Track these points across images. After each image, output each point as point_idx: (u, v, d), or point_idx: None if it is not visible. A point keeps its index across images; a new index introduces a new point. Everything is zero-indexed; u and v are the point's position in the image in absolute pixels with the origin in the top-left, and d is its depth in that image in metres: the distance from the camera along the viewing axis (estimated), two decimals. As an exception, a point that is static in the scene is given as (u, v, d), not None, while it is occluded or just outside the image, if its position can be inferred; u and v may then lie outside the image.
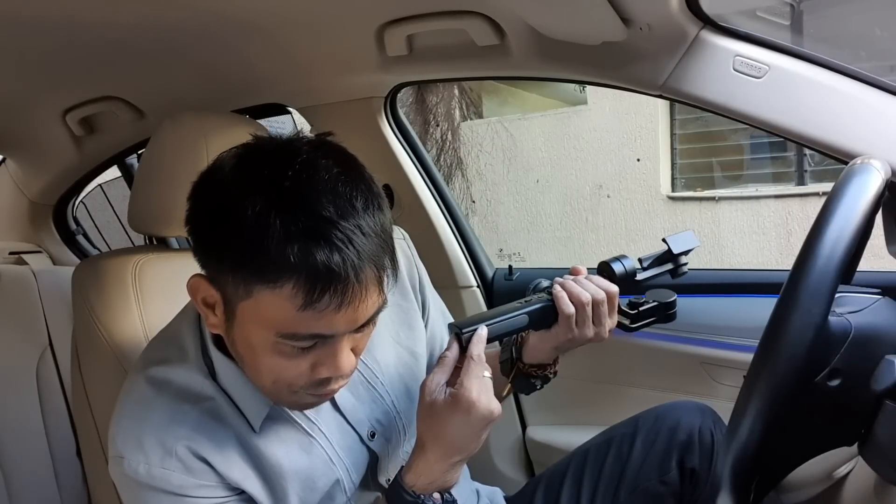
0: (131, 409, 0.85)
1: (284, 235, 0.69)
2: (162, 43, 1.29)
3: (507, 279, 1.79)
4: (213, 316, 0.79)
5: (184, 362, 0.86)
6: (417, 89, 6.06)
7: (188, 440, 0.81)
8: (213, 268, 0.76)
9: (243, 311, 0.75)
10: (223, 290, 0.76)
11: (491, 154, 6.67)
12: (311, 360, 0.77)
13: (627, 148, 6.12)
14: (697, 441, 1.12)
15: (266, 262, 0.69)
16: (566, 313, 0.95)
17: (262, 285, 0.71)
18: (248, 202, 0.70)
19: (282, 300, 0.71)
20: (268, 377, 0.80)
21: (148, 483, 0.81)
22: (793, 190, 5.56)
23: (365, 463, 0.96)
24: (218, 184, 0.75)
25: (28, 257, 1.99)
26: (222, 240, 0.73)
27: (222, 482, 0.84)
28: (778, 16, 5.45)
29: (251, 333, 0.76)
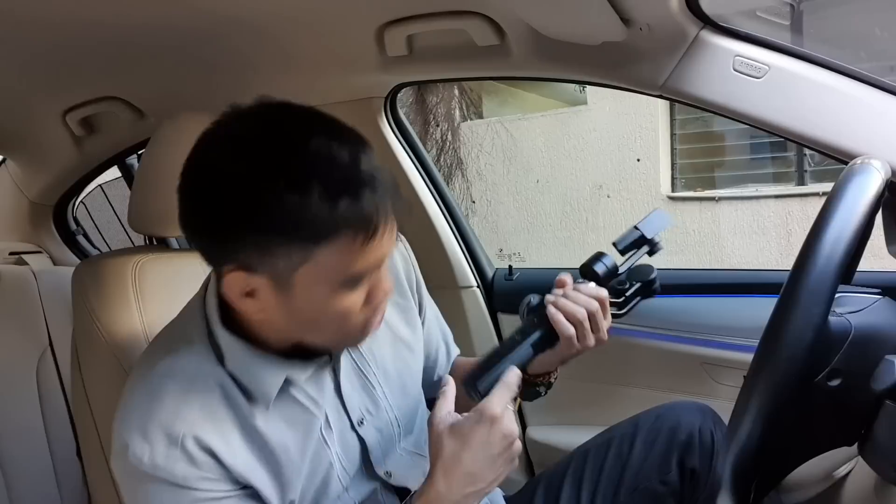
0: (138, 401, 0.85)
1: (326, 195, 0.73)
2: (162, 43, 1.29)
3: (507, 279, 1.79)
4: (257, 302, 0.80)
5: (190, 352, 0.87)
6: (417, 89, 6.06)
7: (194, 430, 0.82)
8: (251, 256, 0.77)
9: (302, 276, 0.77)
10: (271, 271, 0.77)
11: (491, 154, 6.67)
12: (365, 292, 0.82)
13: (627, 148, 6.12)
14: (698, 441, 1.12)
15: (318, 225, 0.74)
16: (567, 335, 0.96)
17: (320, 245, 0.75)
18: (276, 182, 0.73)
19: (340, 251, 0.75)
20: (332, 328, 0.83)
21: (151, 473, 0.81)
22: (793, 190, 5.56)
23: (356, 451, 0.96)
24: (231, 176, 0.75)
25: (28, 257, 1.99)
26: (262, 225, 0.74)
27: (227, 475, 0.84)
28: (778, 16, 5.46)
29: (315, 293, 0.79)
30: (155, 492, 0.82)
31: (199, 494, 0.83)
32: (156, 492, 0.82)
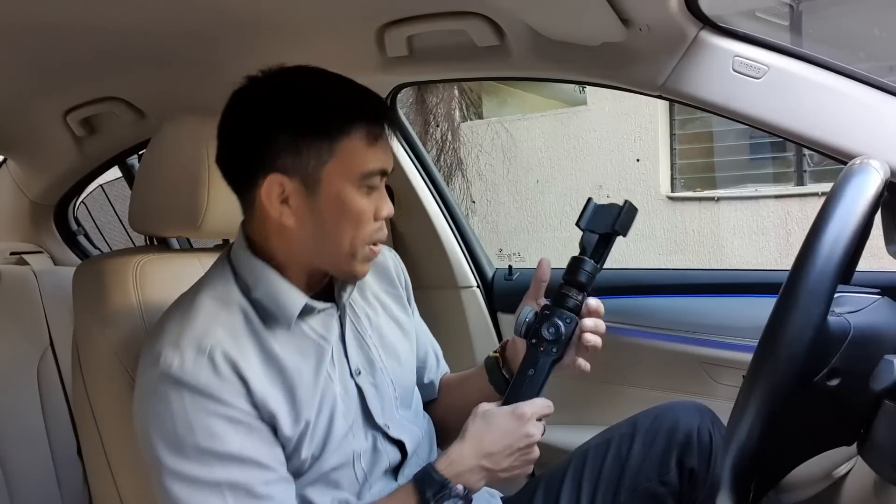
0: (172, 321, 0.95)
1: (341, 101, 0.96)
2: (163, 44, 1.29)
3: (507, 279, 1.79)
4: (288, 208, 0.95)
5: (217, 286, 0.99)
6: (417, 90, 6.06)
7: (222, 345, 0.92)
8: (286, 160, 0.94)
9: (329, 172, 0.94)
10: (304, 170, 0.94)
11: (491, 154, 6.68)
12: (374, 205, 0.97)
13: (627, 148, 6.12)
14: (696, 441, 1.12)
15: (338, 122, 0.94)
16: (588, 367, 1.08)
17: (342, 141, 0.93)
18: (301, 94, 0.96)
19: (355, 147, 0.94)
20: (350, 231, 0.96)
21: (178, 377, 0.89)
22: (792, 190, 5.57)
23: (355, 398, 1.03)
24: (264, 97, 0.98)
25: (29, 258, 1.99)
26: (293, 128, 0.94)
27: (247, 395, 0.91)
28: (777, 16, 5.46)
29: (339, 187, 0.94)
30: (177, 398, 0.89)
31: (219, 408, 0.90)
32: (178, 398, 0.89)
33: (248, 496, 0.91)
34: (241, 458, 0.91)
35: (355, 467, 1.01)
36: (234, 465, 0.91)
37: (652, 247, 5.92)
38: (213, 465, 0.90)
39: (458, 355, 1.73)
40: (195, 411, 0.90)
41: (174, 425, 0.90)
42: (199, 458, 0.90)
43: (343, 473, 1.00)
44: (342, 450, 0.99)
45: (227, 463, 0.90)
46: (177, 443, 0.90)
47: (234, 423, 0.91)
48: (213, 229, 1.21)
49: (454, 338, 1.77)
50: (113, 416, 1.12)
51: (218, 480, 0.90)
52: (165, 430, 0.91)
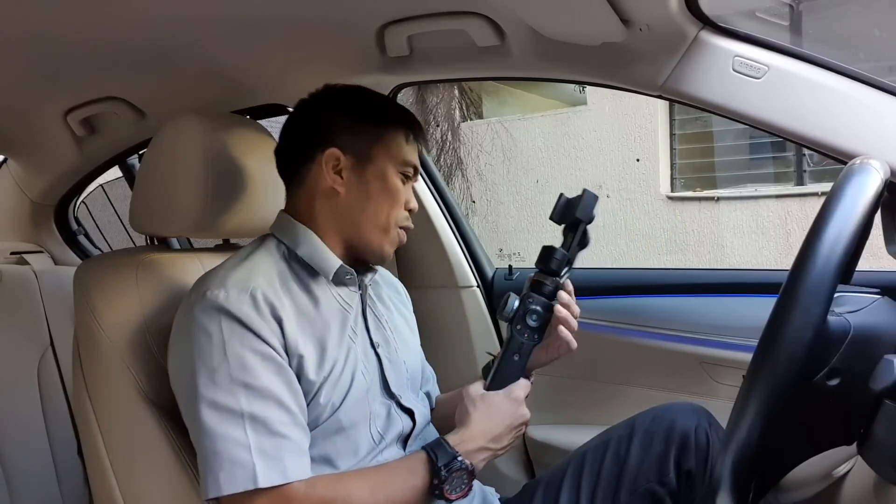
0: (217, 274, 1.05)
1: (387, 104, 1.21)
2: (163, 44, 1.29)
3: (507, 279, 1.79)
4: (340, 178, 1.11)
5: (262, 247, 1.12)
6: (418, 90, 6.06)
7: (263, 288, 1.02)
8: (344, 138, 1.12)
9: (378, 151, 1.12)
10: (358, 148, 1.12)
11: (491, 154, 6.68)
12: (405, 193, 1.15)
13: (627, 148, 6.12)
14: (693, 442, 1.13)
15: (387, 115, 1.16)
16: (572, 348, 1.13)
17: (391, 131, 1.14)
18: (367, 95, 1.20)
19: (398, 138, 1.14)
20: (386, 207, 1.12)
21: (223, 306, 0.99)
22: (792, 190, 5.56)
23: (375, 365, 1.12)
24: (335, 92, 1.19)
25: (29, 257, 1.99)
26: (354, 114, 1.14)
27: (281, 335, 1.01)
28: (777, 16, 5.46)
29: (385, 166, 1.12)
30: (217, 327, 0.98)
31: (254, 342, 0.98)
32: (218, 327, 0.98)
33: (265, 431, 0.96)
34: (266, 394, 0.97)
35: (371, 428, 1.08)
36: (258, 398, 0.97)
37: (652, 247, 5.92)
38: (239, 396, 0.96)
39: (458, 355, 1.74)
40: (232, 341, 0.98)
41: (211, 353, 0.98)
42: (228, 387, 0.97)
43: (360, 432, 1.07)
44: (360, 406, 1.07)
45: (252, 396, 0.97)
46: (210, 370, 0.97)
47: (265, 360, 0.99)
48: (213, 229, 1.21)
49: (454, 338, 1.78)
50: (114, 415, 1.13)
51: (242, 411, 0.96)
52: (202, 357, 0.98)
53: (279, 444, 0.97)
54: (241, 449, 0.95)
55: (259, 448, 0.95)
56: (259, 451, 0.95)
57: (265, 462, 0.95)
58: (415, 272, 1.79)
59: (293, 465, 0.97)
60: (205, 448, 0.97)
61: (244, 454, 0.95)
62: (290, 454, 0.97)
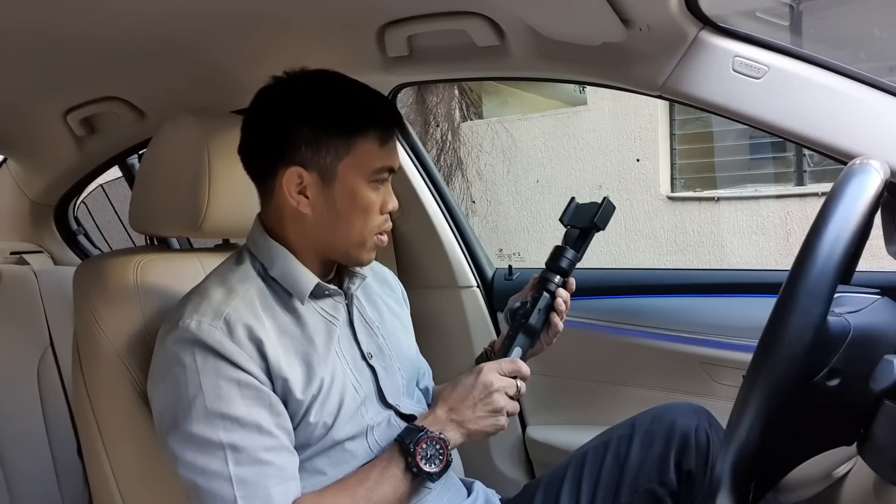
0: (193, 295, 1.02)
1: (361, 101, 1.05)
2: (163, 44, 1.29)
3: (507, 279, 1.79)
4: (305, 199, 1.03)
5: (237, 265, 1.07)
6: (417, 90, 6.06)
7: (238, 314, 0.98)
8: (305, 154, 1.02)
9: (345, 167, 1.02)
10: (321, 164, 1.02)
11: (491, 154, 6.68)
12: (381, 199, 1.06)
13: (627, 148, 6.12)
14: (693, 442, 1.13)
15: (357, 122, 1.03)
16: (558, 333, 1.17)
17: (359, 139, 1.02)
18: (327, 93, 1.05)
19: (370, 143, 1.03)
20: (359, 223, 1.04)
21: (195, 336, 0.96)
22: (792, 190, 5.57)
23: (369, 378, 1.10)
24: (291, 93, 1.06)
25: (29, 257, 1.99)
26: (315, 124, 1.02)
27: (260, 360, 0.97)
28: (777, 16, 5.46)
29: (353, 181, 1.03)
30: (190, 358, 0.95)
31: (229, 370, 0.95)
32: (191, 358, 0.95)
33: (247, 460, 0.94)
34: (245, 422, 0.95)
35: (368, 439, 1.06)
36: (237, 428, 0.94)
37: (652, 247, 5.92)
38: (217, 427, 0.94)
39: (458, 355, 1.74)
40: (206, 371, 0.95)
41: (186, 386, 0.95)
42: (205, 419, 0.94)
43: (357, 444, 1.05)
44: (355, 421, 1.05)
45: (230, 425, 0.94)
46: (186, 403, 0.95)
47: (241, 387, 0.96)
48: (213, 229, 1.21)
49: (454, 338, 1.77)
50: (113, 415, 1.12)
51: (220, 442, 0.94)
52: (178, 390, 0.96)
53: (262, 472, 0.94)
54: (221, 482, 0.93)
55: (240, 479, 0.93)
56: (240, 481, 0.93)
57: (247, 492, 0.93)
58: (415, 272, 1.79)
59: (277, 492, 0.94)
60: (185, 483, 0.95)
61: (225, 488, 0.93)
62: (273, 481, 0.95)
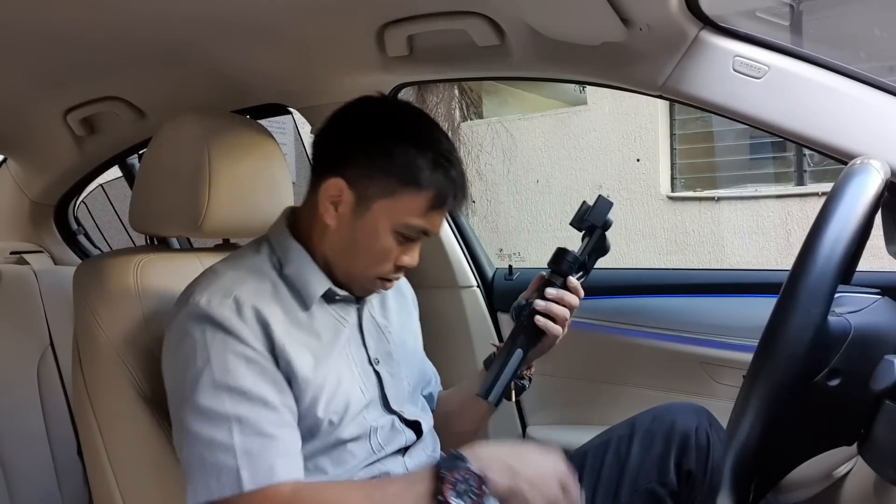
0: (204, 280, 1.03)
1: (434, 162, 1.02)
2: (163, 44, 1.29)
3: (507, 279, 1.79)
4: (334, 211, 1.04)
5: (255, 255, 1.08)
6: (418, 89, 6.05)
7: (248, 296, 1.00)
8: (356, 173, 1.02)
9: (380, 206, 1.02)
10: (363, 191, 1.02)
11: (491, 154, 6.67)
12: (401, 252, 1.05)
13: (627, 148, 6.12)
14: (693, 443, 1.13)
15: (416, 176, 1.01)
16: (555, 335, 1.13)
17: (409, 192, 1.01)
18: (406, 138, 1.03)
19: (419, 202, 1.02)
20: (366, 261, 1.05)
21: (203, 313, 0.98)
22: (792, 190, 5.56)
23: (374, 383, 1.10)
24: (380, 119, 1.07)
25: (29, 257, 1.99)
26: (380, 157, 1.02)
27: (266, 340, 0.99)
28: (777, 16, 5.46)
29: (379, 223, 1.02)
30: (200, 332, 0.98)
31: (236, 345, 0.97)
32: (200, 332, 0.97)
33: (253, 433, 0.95)
34: (251, 396, 0.96)
35: (371, 441, 1.06)
36: (243, 400, 0.96)
37: (652, 247, 5.92)
38: (224, 399, 0.95)
39: (458, 355, 1.74)
40: (214, 345, 0.97)
41: (195, 358, 0.97)
42: (213, 391, 0.95)
43: (359, 445, 1.05)
44: (359, 422, 1.05)
45: (237, 398, 0.95)
46: (194, 376, 0.96)
47: (248, 362, 0.97)
48: (213, 229, 1.21)
49: (454, 338, 1.77)
50: (113, 415, 1.12)
51: (227, 414, 0.95)
52: (187, 364, 0.97)
53: (266, 445, 0.95)
54: (225, 453, 0.93)
55: (245, 450, 0.94)
56: (245, 453, 0.94)
57: (251, 464, 0.93)
58: (415, 272, 1.77)
59: (281, 466, 0.95)
60: (189, 454, 0.96)
61: (229, 459, 0.93)
62: (278, 454, 0.95)
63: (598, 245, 1.16)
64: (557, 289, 1.13)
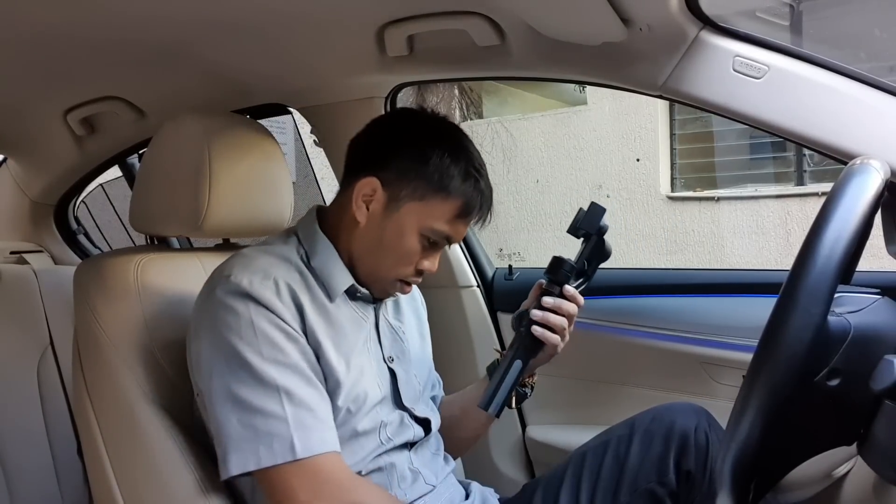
0: (240, 261, 1.06)
1: (466, 172, 1.08)
2: (163, 43, 1.29)
3: (507, 279, 1.79)
4: (366, 210, 1.08)
5: (284, 246, 1.12)
6: (418, 89, 6.05)
7: (285, 278, 1.04)
8: (391, 175, 1.07)
9: (410, 208, 1.07)
10: (395, 192, 1.07)
11: (491, 154, 6.67)
12: (424, 256, 1.09)
13: (627, 148, 6.12)
14: (693, 443, 1.13)
15: (448, 183, 1.06)
16: (553, 344, 1.13)
17: (439, 197, 1.06)
18: (445, 148, 1.08)
19: (446, 208, 1.07)
20: (390, 261, 1.09)
21: (246, 290, 1.01)
22: (792, 190, 5.57)
23: (387, 379, 1.13)
24: (423, 128, 1.12)
25: (29, 257, 1.99)
26: (417, 162, 1.06)
27: (301, 322, 1.03)
28: (777, 16, 5.46)
29: (406, 224, 1.07)
30: (244, 308, 1.00)
31: (280, 322, 1.01)
32: (245, 308, 1.00)
33: (301, 404, 0.99)
34: (297, 370, 1.00)
35: (381, 434, 1.10)
36: (290, 373, 1.00)
37: (652, 247, 5.92)
38: (272, 371, 0.99)
39: (458, 355, 1.74)
40: (260, 321, 1.00)
41: (240, 331, 0.99)
42: (261, 363, 0.98)
43: (369, 437, 1.08)
44: (372, 416, 1.09)
45: (284, 371, 0.99)
46: (241, 349, 0.99)
47: (291, 340, 1.01)
48: (213, 229, 1.21)
49: (454, 338, 1.77)
50: (113, 415, 1.12)
51: (277, 384, 0.98)
52: (231, 336, 0.99)
53: (315, 416, 0.99)
54: (278, 422, 0.97)
55: (296, 420, 0.97)
56: (297, 423, 0.97)
57: (303, 434, 0.97)
58: (415, 272, 1.79)
59: (330, 436, 1.00)
60: (236, 424, 0.98)
61: (283, 427, 0.97)
62: (326, 427, 1.00)
63: (595, 251, 1.16)
64: (554, 298, 1.12)
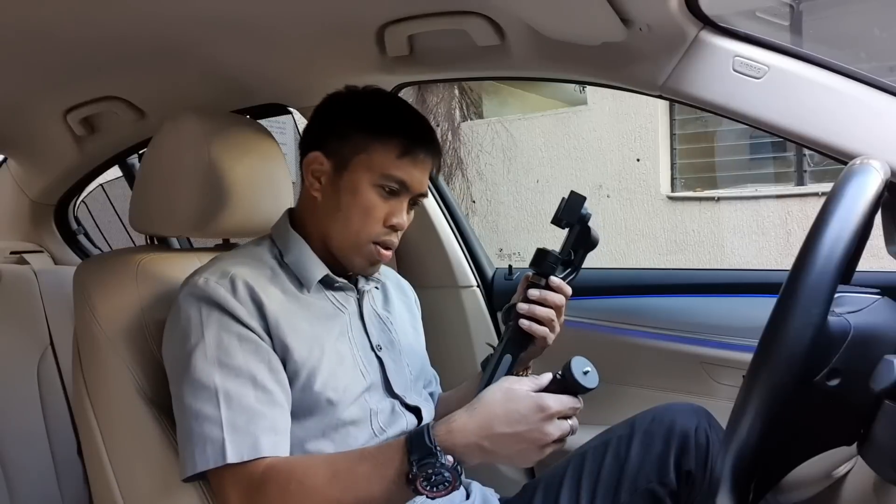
0: (208, 264, 1.09)
1: (393, 114, 1.11)
2: (163, 43, 1.29)
3: (507, 279, 1.79)
4: (318, 183, 1.10)
5: (256, 247, 1.14)
6: (418, 89, 6.06)
7: (244, 274, 1.05)
8: (332, 145, 1.10)
9: (356, 162, 1.08)
10: (339, 155, 1.09)
11: (491, 154, 6.68)
12: (388, 209, 1.08)
13: (627, 148, 6.12)
14: (693, 443, 1.13)
15: (382, 124, 1.08)
16: (541, 336, 1.12)
17: (377, 142, 1.07)
18: (370, 102, 1.13)
19: (388, 150, 1.07)
20: (355, 223, 1.08)
21: (202, 291, 1.03)
22: (792, 190, 5.57)
23: (376, 368, 1.13)
24: (343, 101, 1.15)
25: (29, 257, 1.99)
26: (349, 119, 1.10)
27: (261, 319, 1.03)
28: (777, 16, 5.46)
29: (358, 179, 1.08)
30: (196, 310, 1.02)
31: (231, 324, 1.01)
32: (196, 310, 1.02)
33: (240, 408, 0.98)
34: (242, 372, 0.99)
35: (373, 424, 1.09)
36: (233, 376, 0.99)
37: (652, 247, 5.93)
38: (214, 374, 0.99)
39: (458, 355, 1.74)
40: (209, 324, 1.01)
41: (190, 336, 1.01)
42: (204, 366, 0.99)
43: (360, 428, 1.07)
44: (360, 404, 1.08)
45: (226, 373, 0.99)
46: (189, 352, 1.00)
47: (241, 341, 1.01)
48: (213, 229, 1.21)
49: (454, 338, 1.77)
50: (113, 415, 1.13)
51: (216, 387, 0.98)
52: (183, 341, 1.02)
53: (252, 420, 0.97)
54: (212, 425, 0.97)
55: (230, 423, 0.96)
56: (230, 426, 0.96)
57: (236, 437, 0.96)
58: (415, 272, 1.79)
59: (266, 442, 0.97)
60: (181, 428, 1.00)
61: (215, 430, 0.96)
62: (263, 431, 0.97)
63: (581, 240, 1.15)
64: (540, 289, 1.12)
